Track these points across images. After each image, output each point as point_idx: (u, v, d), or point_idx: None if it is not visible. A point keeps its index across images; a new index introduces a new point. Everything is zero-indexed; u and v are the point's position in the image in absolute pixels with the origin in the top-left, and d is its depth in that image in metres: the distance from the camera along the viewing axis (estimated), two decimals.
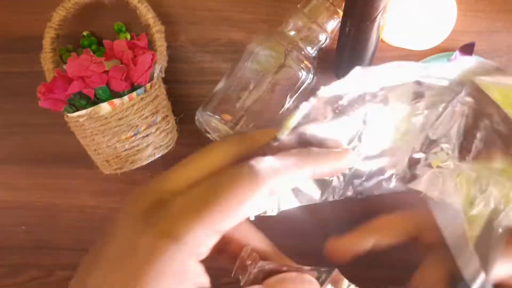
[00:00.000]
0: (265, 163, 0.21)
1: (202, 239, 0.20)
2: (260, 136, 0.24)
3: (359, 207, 0.37)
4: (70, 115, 0.36)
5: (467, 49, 0.38)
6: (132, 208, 0.22)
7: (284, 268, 0.24)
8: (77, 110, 0.35)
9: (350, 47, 0.35)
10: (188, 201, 0.21)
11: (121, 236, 0.22)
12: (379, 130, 0.29)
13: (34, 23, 0.40)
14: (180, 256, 0.20)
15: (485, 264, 0.26)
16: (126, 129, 0.36)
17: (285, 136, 0.22)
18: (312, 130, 0.24)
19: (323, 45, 0.37)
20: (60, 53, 0.40)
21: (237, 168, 0.21)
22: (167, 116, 0.38)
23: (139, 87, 0.36)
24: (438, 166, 0.32)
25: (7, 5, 0.40)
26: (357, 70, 0.23)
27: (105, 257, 0.22)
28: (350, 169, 0.30)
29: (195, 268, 0.21)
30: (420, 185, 0.32)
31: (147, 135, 0.37)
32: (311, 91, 0.38)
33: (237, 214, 0.20)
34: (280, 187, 0.21)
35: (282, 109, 0.37)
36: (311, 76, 0.36)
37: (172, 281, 0.20)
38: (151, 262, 0.20)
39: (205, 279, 0.22)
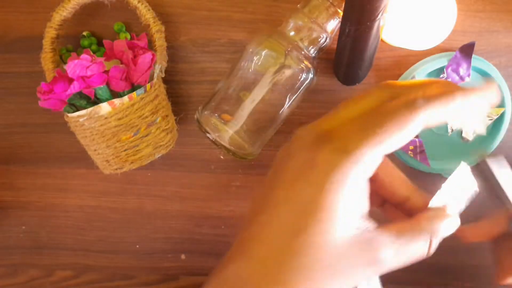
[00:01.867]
0: (419, 98, 0.24)
1: (371, 157, 0.23)
2: (403, 84, 0.26)
3: None
4: (70, 115, 0.36)
5: (467, 49, 0.38)
6: (305, 134, 0.25)
7: None
8: (77, 110, 0.35)
9: (350, 47, 0.35)
10: (357, 126, 0.24)
11: (299, 155, 0.24)
12: None
13: (34, 23, 0.40)
14: (354, 169, 0.22)
15: None
16: (126, 129, 0.36)
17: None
18: None
19: (323, 45, 0.37)
20: (60, 53, 0.40)
21: (396, 101, 0.24)
22: (167, 116, 0.38)
23: (139, 87, 0.36)
24: None
25: (7, 5, 0.40)
26: None
27: (286, 174, 0.24)
28: None
29: (364, 185, 0.24)
30: None
31: (147, 135, 0.37)
32: (311, 91, 0.38)
33: (398, 138, 0.23)
34: (433, 117, 0.24)
35: (282, 109, 0.37)
36: (311, 76, 0.36)
37: (346, 192, 0.23)
38: (330, 173, 0.22)
39: (367, 202, 0.24)
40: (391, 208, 0.29)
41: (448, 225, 0.26)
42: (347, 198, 0.23)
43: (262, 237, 0.24)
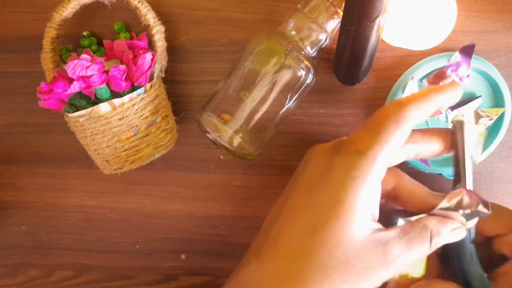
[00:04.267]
0: (405, 99, 0.27)
1: (382, 156, 0.24)
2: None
3: None
4: (70, 115, 0.36)
5: (467, 51, 0.38)
6: (320, 146, 0.27)
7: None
8: (77, 110, 0.35)
9: (350, 47, 0.35)
10: (364, 132, 0.26)
11: (315, 162, 0.26)
12: None
13: (34, 23, 0.40)
14: (370, 168, 0.24)
15: None
16: (126, 129, 0.36)
17: None
18: None
19: (323, 45, 0.37)
20: (60, 53, 0.40)
21: (387, 105, 0.27)
22: (167, 116, 0.38)
23: (139, 87, 0.36)
24: None
25: (7, 5, 0.40)
26: None
27: (303, 181, 0.26)
28: None
29: (378, 187, 0.25)
30: None
31: (147, 135, 0.37)
32: (311, 91, 0.38)
33: (399, 135, 0.25)
34: (419, 114, 0.26)
35: (282, 109, 0.37)
36: (311, 76, 0.36)
37: (364, 190, 0.24)
38: (349, 172, 0.24)
39: (378, 206, 0.25)
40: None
41: (449, 226, 0.27)
42: (365, 197, 0.24)
43: (278, 240, 0.24)
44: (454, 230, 0.27)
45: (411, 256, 0.25)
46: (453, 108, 0.40)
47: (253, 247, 0.26)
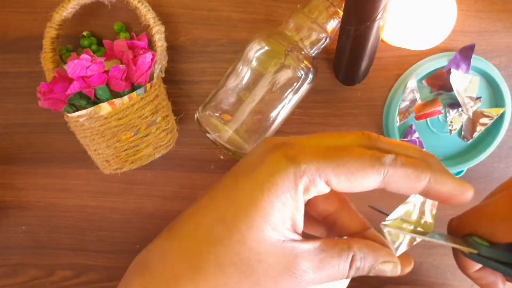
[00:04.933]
0: (388, 157, 0.24)
1: (316, 177, 0.23)
2: (385, 140, 0.26)
3: None
4: (70, 115, 0.36)
5: (467, 51, 0.38)
6: (269, 141, 0.25)
7: None
8: (77, 110, 0.35)
9: (350, 47, 0.35)
10: (318, 151, 0.24)
11: (254, 154, 0.25)
12: None
13: (34, 23, 0.40)
14: (295, 178, 0.23)
15: None
16: (126, 129, 0.36)
17: None
18: None
19: (323, 45, 0.37)
20: (60, 53, 0.40)
21: (366, 150, 0.24)
22: (167, 116, 0.38)
23: (139, 87, 0.36)
24: None
25: (7, 5, 0.40)
26: None
27: (236, 168, 0.25)
28: None
29: (299, 200, 0.23)
30: None
31: (147, 135, 0.37)
32: (311, 91, 0.38)
33: (351, 179, 0.23)
34: (392, 182, 0.23)
35: (282, 109, 0.37)
36: (311, 76, 0.36)
37: (282, 199, 0.23)
38: (273, 175, 0.23)
39: (301, 220, 0.24)
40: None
41: (380, 255, 0.25)
42: (282, 206, 0.23)
43: (190, 221, 0.24)
44: (385, 263, 0.25)
45: (324, 274, 0.24)
46: (453, 107, 0.40)
47: (173, 222, 0.26)
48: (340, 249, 0.24)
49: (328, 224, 0.28)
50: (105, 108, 0.35)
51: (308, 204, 0.27)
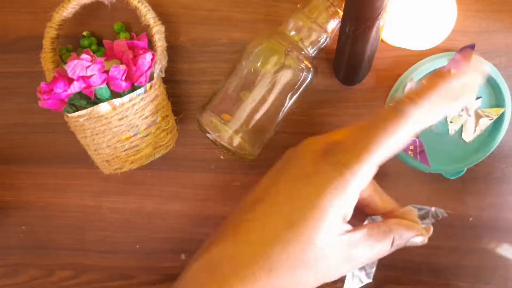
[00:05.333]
0: (406, 102, 0.26)
1: (368, 169, 0.26)
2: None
3: None
4: (70, 115, 0.36)
5: (467, 51, 0.38)
6: (314, 142, 0.28)
7: None
8: (77, 110, 0.35)
9: (350, 47, 0.35)
10: (354, 141, 0.26)
11: (306, 159, 0.28)
12: None
13: (34, 23, 0.40)
14: (352, 182, 0.25)
15: None
16: (126, 129, 0.36)
17: None
18: None
19: (323, 45, 0.37)
20: (60, 53, 0.40)
21: (385, 109, 0.26)
22: (167, 116, 0.38)
23: (139, 87, 0.36)
24: None
25: (7, 5, 0.40)
26: None
27: (291, 173, 0.28)
28: None
29: (357, 195, 0.26)
30: None
31: (147, 135, 0.37)
32: (311, 91, 0.38)
33: (391, 146, 0.26)
34: (423, 120, 0.26)
35: (282, 109, 0.37)
36: (311, 76, 0.36)
37: (340, 201, 0.26)
38: (330, 185, 0.25)
39: (351, 210, 0.27)
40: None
41: (411, 231, 0.29)
42: (340, 206, 0.26)
43: (257, 224, 0.26)
44: (416, 236, 0.30)
45: (372, 255, 0.28)
46: None
47: (230, 224, 0.28)
48: (383, 232, 0.28)
49: (361, 206, 0.31)
50: (105, 108, 0.35)
51: None
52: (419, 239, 0.30)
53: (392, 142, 0.25)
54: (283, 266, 0.25)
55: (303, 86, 0.36)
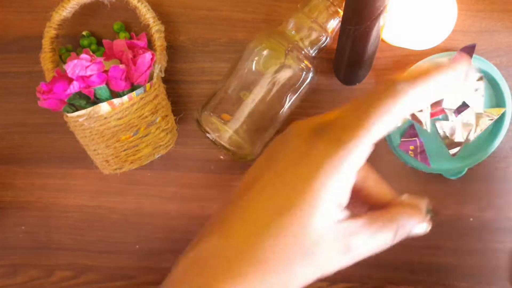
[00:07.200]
0: (400, 79, 0.25)
1: (363, 147, 0.24)
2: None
3: None
4: (69, 115, 0.36)
5: (468, 50, 0.38)
6: (301, 126, 0.26)
7: None
8: (77, 110, 0.35)
9: (350, 47, 0.35)
10: (348, 118, 0.25)
11: (294, 144, 0.25)
12: None
13: (34, 23, 0.40)
14: (347, 159, 0.23)
15: None
16: (125, 129, 0.36)
17: None
18: None
19: (323, 45, 0.37)
20: (59, 53, 0.39)
21: (379, 86, 0.25)
22: (167, 116, 0.38)
23: (138, 87, 0.36)
24: None
25: (6, 5, 0.40)
26: None
27: (279, 160, 0.25)
28: None
29: (353, 176, 0.24)
30: None
31: (147, 135, 0.37)
32: (311, 91, 0.38)
33: (387, 123, 0.24)
34: (418, 96, 0.24)
35: (282, 109, 0.37)
36: (311, 76, 0.36)
37: (334, 182, 0.24)
38: (325, 163, 0.23)
39: (348, 194, 0.25)
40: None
41: (415, 219, 0.27)
42: (335, 189, 0.24)
43: (245, 216, 0.24)
44: (418, 224, 0.28)
45: (373, 246, 0.26)
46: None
47: (218, 217, 0.26)
48: (385, 221, 0.26)
49: (354, 191, 0.29)
50: (104, 108, 0.35)
51: None
52: (422, 228, 0.28)
53: (389, 118, 0.24)
54: (275, 258, 0.23)
55: (303, 85, 0.36)
